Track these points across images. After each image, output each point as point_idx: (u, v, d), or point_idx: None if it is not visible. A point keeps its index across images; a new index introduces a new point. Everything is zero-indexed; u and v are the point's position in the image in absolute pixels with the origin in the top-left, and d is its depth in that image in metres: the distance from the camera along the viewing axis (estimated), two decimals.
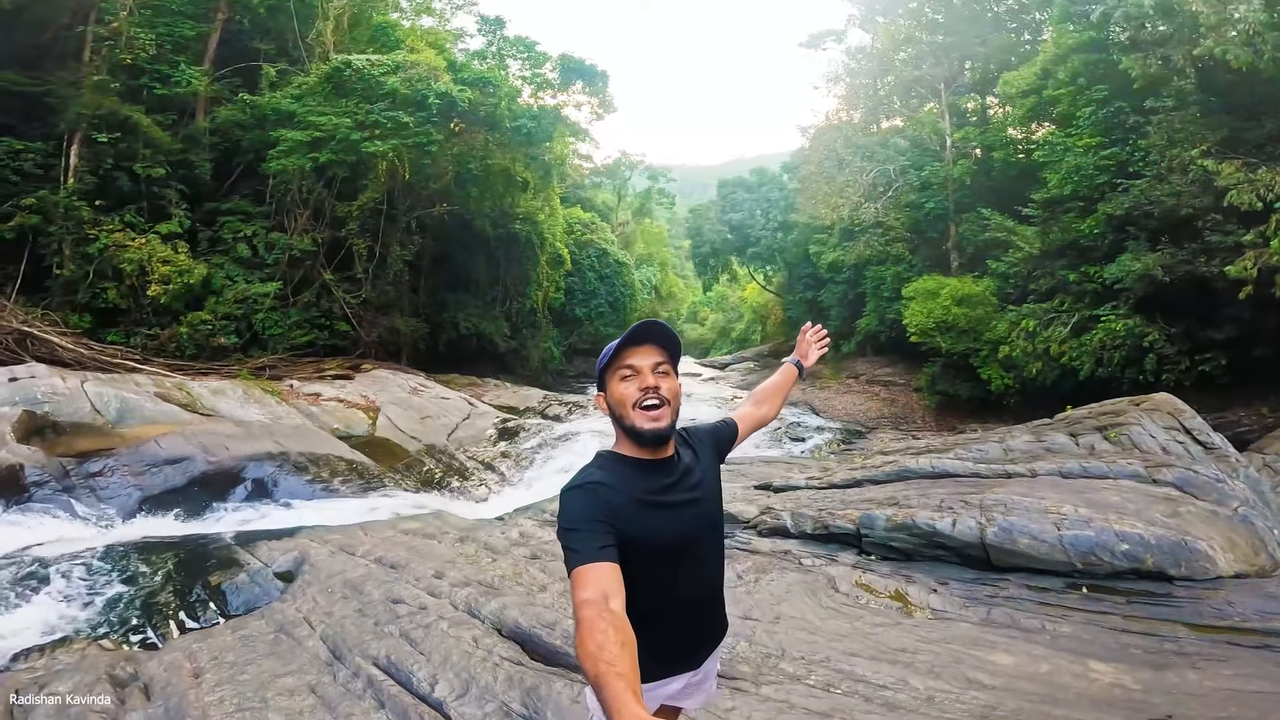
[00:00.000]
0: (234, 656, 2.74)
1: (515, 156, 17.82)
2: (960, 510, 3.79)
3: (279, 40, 17.01)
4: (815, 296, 26.44)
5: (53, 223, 13.19)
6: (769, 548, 4.07)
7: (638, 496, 1.44)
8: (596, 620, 1.14)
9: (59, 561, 4.55)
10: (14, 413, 8.48)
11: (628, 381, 1.50)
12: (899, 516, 3.84)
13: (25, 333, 12.28)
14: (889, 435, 15.86)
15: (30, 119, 13.47)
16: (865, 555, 3.86)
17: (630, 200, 39.14)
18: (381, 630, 2.84)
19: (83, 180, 13.44)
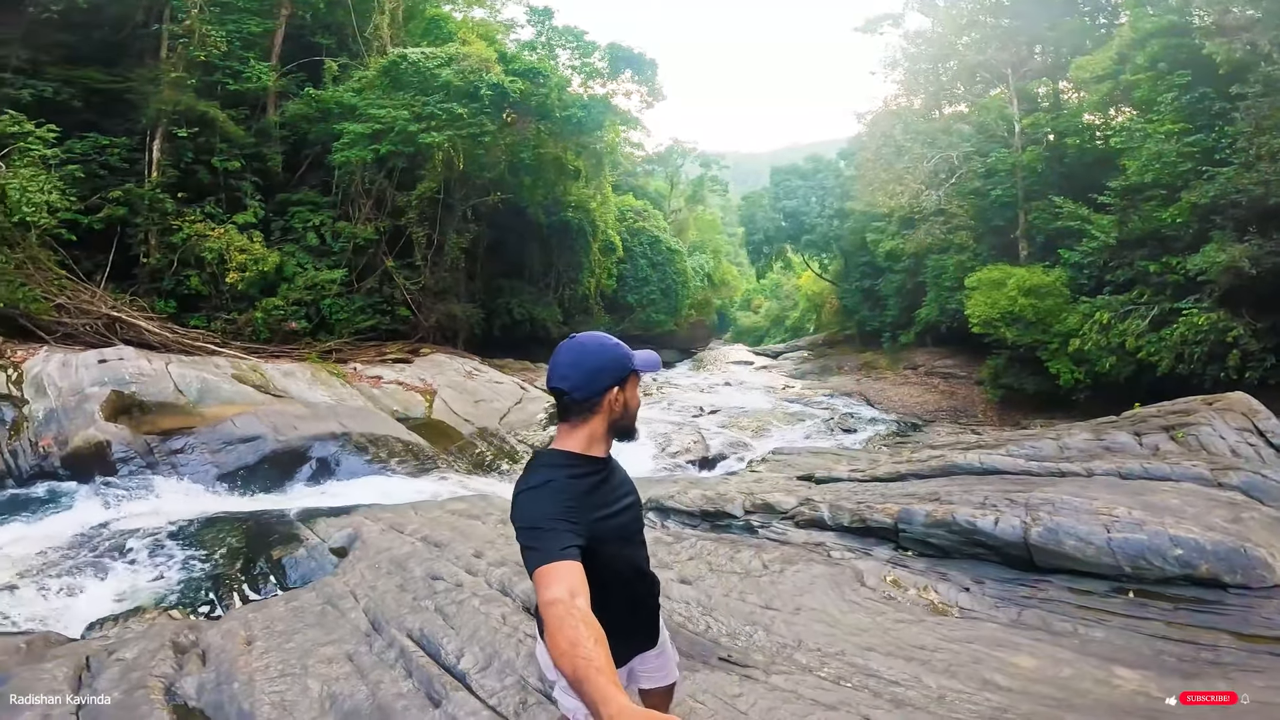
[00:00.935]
0: (283, 626, 2.96)
1: (566, 145, 18.00)
2: (1004, 508, 3.68)
3: (339, 35, 17.64)
4: (872, 285, 25.81)
5: (139, 214, 14.09)
6: (803, 539, 4.06)
7: (593, 489, 1.53)
8: (565, 618, 1.15)
9: (138, 535, 4.96)
10: (103, 392, 9.18)
11: (637, 391, 1.66)
12: (939, 513, 3.76)
13: (115, 317, 13.20)
14: (946, 429, 15.38)
15: (113, 115, 14.34)
16: (902, 550, 3.80)
17: (683, 188, 38.93)
18: (418, 605, 3.01)
19: (165, 174, 14.29)
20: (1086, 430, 5.58)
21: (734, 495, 4.92)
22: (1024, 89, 18.33)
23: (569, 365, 1.58)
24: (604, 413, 1.58)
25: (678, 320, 31.83)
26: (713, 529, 4.60)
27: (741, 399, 19.58)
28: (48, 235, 12.38)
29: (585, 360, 1.59)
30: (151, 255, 14.61)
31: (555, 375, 1.60)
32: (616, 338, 1.65)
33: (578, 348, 1.61)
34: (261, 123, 16.11)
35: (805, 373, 26.51)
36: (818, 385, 22.90)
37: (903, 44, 21.68)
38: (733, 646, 2.67)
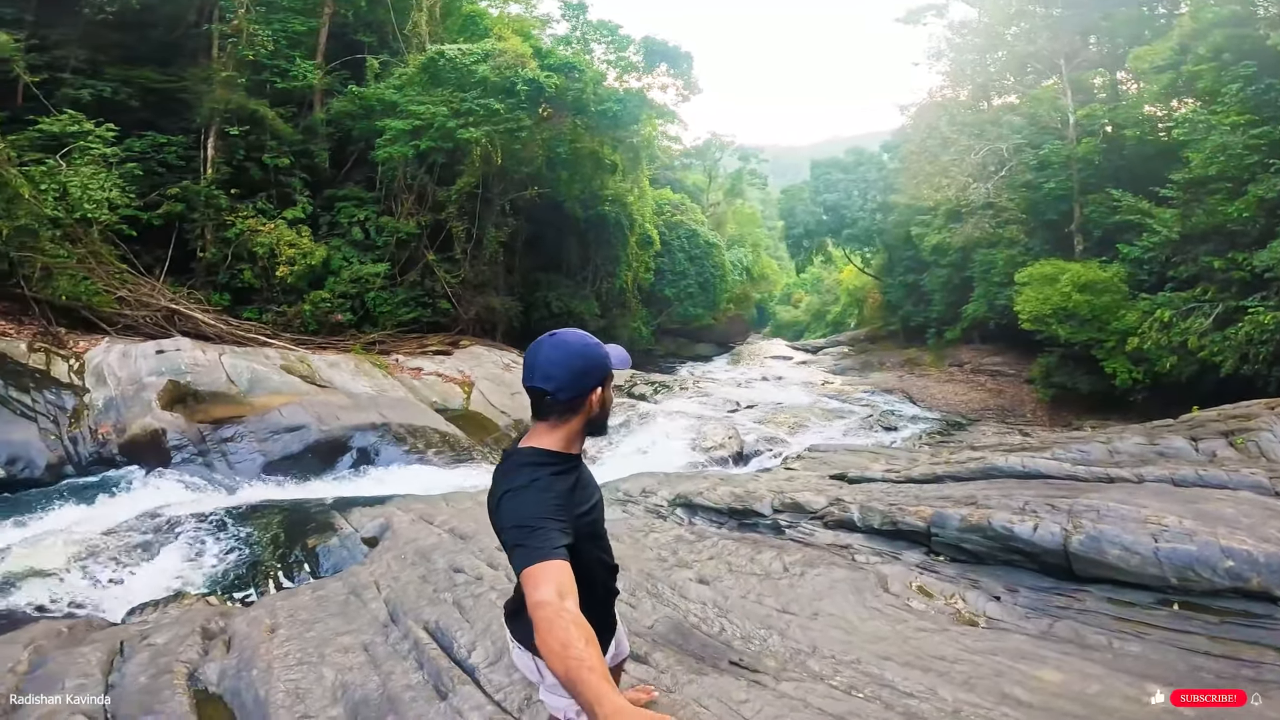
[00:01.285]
0: (307, 615, 3.04)
1: (602, 140, 18.00)
2: (1044, 515, 3.52)
3: (380, 32, 17.99)
4: (916, 280, 25.16)
5: (195, 210, 14.65)
6: (830, 540, 3.96)
7: (572, 487, 1.54)
8: (555, 619, 1.15)
9: (185, 521, 5.19)
10: (160, 382, 9.62)
11: (611, 389, 1.68)
12: (974, 517, 3.61)
13: (173, 310, 13.78)
14: (992, 428, 14.89)
15: (169, 114, 14.91)
16: (933, 555, 3.67)
17: (721, 181, 38.57)
18: (437, 597, 3.06)
19: (219, 170, 14.83)
20: (1139, 434, 5.31)
21: (763, 494, 4.85)
22: (1078, 80, 17.63)
23: (554, 365, 1.56)
24: (585, 412, 1.59)
25: (715, 314, 31.60)
26: (739, 527, 4.55)
27: (779, 394, 19.33)
28: (110, 231, 12.99)
29: (572, 361, 1.57)
30: (207, 250, 15.19)
31: (537, 375, 1.57)
32: (592, 337, 1.66)
33: (562, 346, 1.60)
34: (308, 120, 16.57)
35: (845, 369, 26.08)
36: (858, 381, 22.48)
37: (947, 34, 21.10)
38: (745, 650, 2.62)
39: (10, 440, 8.02)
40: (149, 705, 2.35)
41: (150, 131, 14.40)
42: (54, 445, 8.33)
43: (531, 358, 1.60)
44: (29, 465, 7.88)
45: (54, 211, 10.94)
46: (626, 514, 5.11)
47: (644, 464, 10.48)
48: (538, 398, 1.58)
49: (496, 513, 1.48)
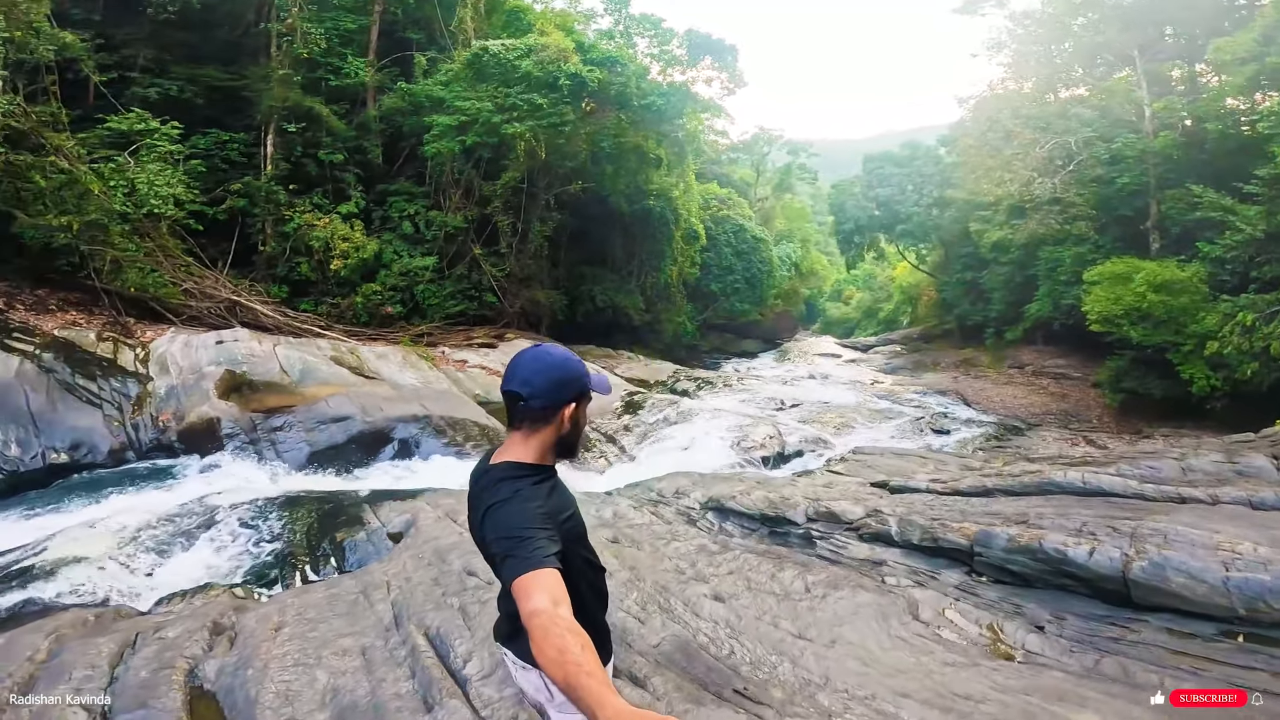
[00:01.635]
0: (315, 614, 3.04)
1: (647, 134, 17.87)
2: (1104, 538, 3.22)
3: (427, 29, 18.29)
4: (975, 278, 24.12)
5: (256, 205, 15.23)
6: (864, 554, 3.74)
7: (551, 493, 1.57)
8: (550, 627, 1.14)
9: (228, 511, 5.33)
10: (218, 371, 10.02)
11: (586, 412, 1.67)
12: (1024, 537, 3.33)
13: (235, 301, 14.37)
14: (1054, 433, 14.12)
15: (232, 111, 15.53)
16: (974, 576, 3.41)
17: (770, 176, 37.86)
18: (444, 601, 3.00)
19: (278, 166, 15.37)
20: (1217, 451, 4.85)
21: (798, 500, 4.64)
22: (1154, 71, 16.58)
23: (533, 372, 1.57)
24: (556, 426, 1.58)
25: (762, 310, 31.11)
26: (770, 536, 4.36)
27: (825, 393, 18.84)
28: (177, 225, 13.62)
29: (551, 371, 1.58)
30: (267, 244, 15.78)
31: (516, 380, 1.58)
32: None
33: (545, 356, 1.61)
34: (361, 117, 16.99)
35: (897, 368, 25.29)
36: (910, 381, 21.76)
37: (1008, 25, 20.09)
38: (752, 678, 2.45)
39: (76, 426, 8.46)
40: (144, 700, 2.38)
41: (214, 129, 15.02)
42: (117, 431, 8.74)
43: (513, 364, 1.62)
44: (92, 450, 8.30)
45: (123, 207, 11.49)
46: (655, 517, 4.98)
47: (683, 462, 10.32)
48: (512, 403, 1.59)
49: (481, 528, 1.48)
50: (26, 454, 7.84)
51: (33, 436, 8.06)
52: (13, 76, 11.04)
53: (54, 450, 8.11)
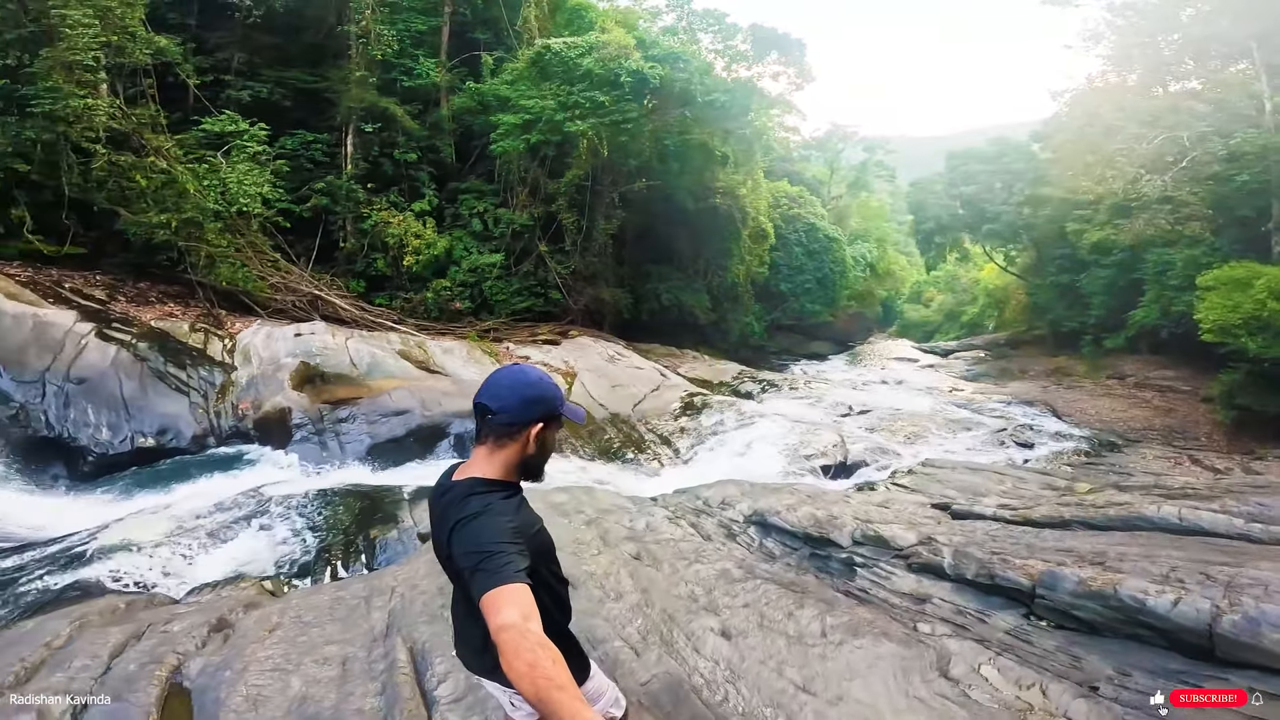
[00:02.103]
0: (312, 617, 3.02)
1: (712, 131, 17.52)
2: (1193, 586, 2.76)
3: (495, 29, 18.62)
4: (1072, 281, 22.44)
5: (337, 203, 15.96)
6: (909, 587, 3.37)
7: (520, 508, 1.57)
8: (520, 641, 1.13)
9: (278, 502, 5.51)
10: (294, 363, 10.50)
11: (555, 435, 1.66)
12: (1097, 581, 2.91)
13: (317, 295, 15.13)
14: (1154, 451, 12.85)
15: (317, 113, 16.31)
16: (1032, 620, 3.00)
17: (844, 173, 36.49)
18: (441, 613, 2.90)
19: (357, 166, 16.06)
20: None
21: (846, 520, 4.31)
22: (1274, 64, 14.86)
23: (505, 387, 1.58)
24: (522, 444, 1.57)
25: (834, 311, 30.07)
26: (811, 558, 4.05)
27: (898, 399, 17.94)
28: (267, 223, 14.46)
29: (523, 389, 1.58)
30: (347, 240, 16.52)
31: (487, 393, 1.60)
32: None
33: (520, 374, 1.62)
34: (434, 116, 17.48)
35: (979, 375, 23.87)
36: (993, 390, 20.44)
37: (1106, 16, 18.49)
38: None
39: (164, 412, 9.05)
40: (120, 693, 2.40)
41: (300, 130, 15.84)
42: (201, 419, 9.30)
43: (489, 378, 1.65)
44: (177, 436, 8.86)
45: (216, 205, 12.27)
46: (692, 529, 4.76)
47: (738, 468, 10.04)
48: (481, 416, 1.61)
49: (449, 544, 1.45)
50: (116, 438, 8.44)
51: (123, 421, 8.67)
52: (113, 80, 11.96)
53: (142, 435, 8.70)
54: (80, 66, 10.63)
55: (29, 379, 8.65)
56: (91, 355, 9.39)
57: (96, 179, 11.47)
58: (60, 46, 10.30)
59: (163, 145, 12.23)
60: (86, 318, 10.19)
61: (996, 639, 2.85)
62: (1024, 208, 23.92)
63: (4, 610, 3.53)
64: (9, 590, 3.75)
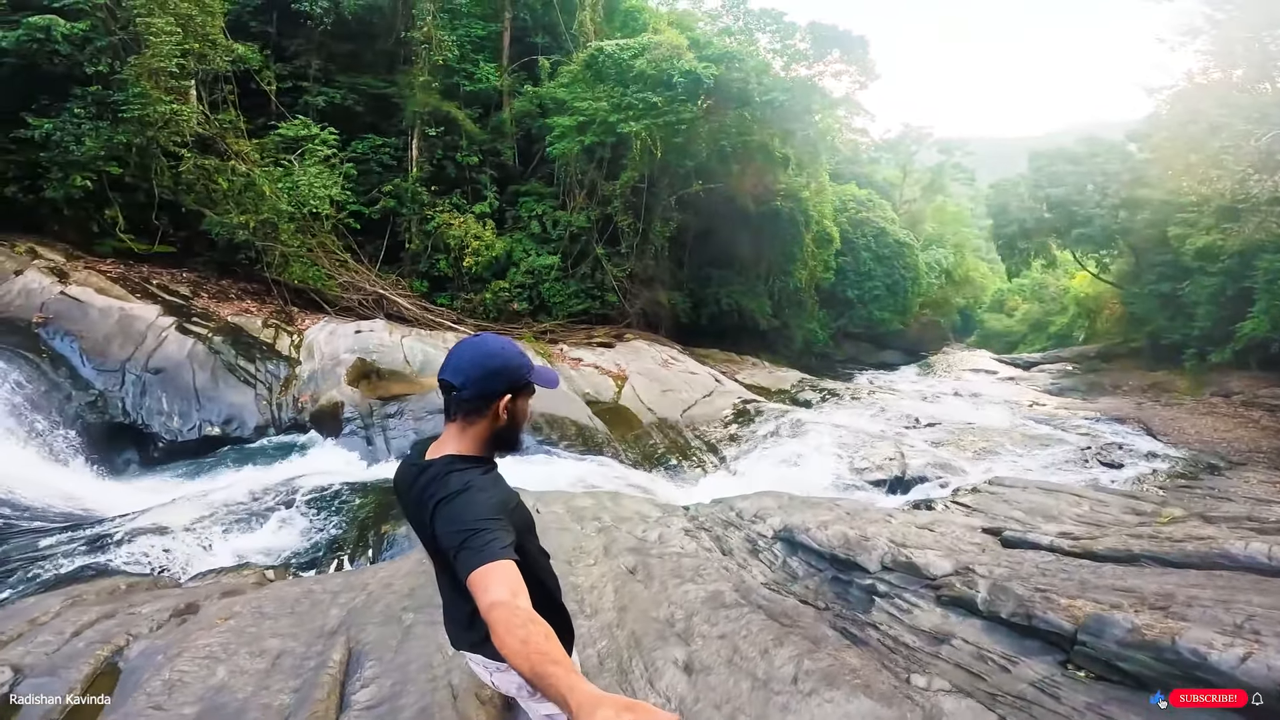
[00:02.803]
0: (273, 608, 2.98)
1: (772, 132, 17.04)
2: (1269, 638, 2.30)
3: (553, 33, 18.78)
4: (1173, 289, 20.59)
5: (403, 205, 16.51)
6: (931, 624, 2.98)
7: (498, 482, 1.55)
8: (511, 618, 1.13)
9: (308, 492, 5.62)
10: (351, 359, 10.88)
11: (528, 403, 1.64)
12: (1153, 630, 2.47)
13: (382, 294, 15.69)
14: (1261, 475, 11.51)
15: (388, 117, 16.94)
16: (1071, 669, 2.58)
17: (918, 176, 34.86)
18: (400, 616, 2.80)
19: (422, 169, 16.55)
20: None
21: (878, 543, 3.94)
22: None
23: (468, 362, 1.54)
24: (491, 418, 1.54)
25: (906, 319, 28.79)
26: (833, 581, 3.70)
27: (971, 412, 16.93)
28: (340, 224, 15.12)
29: (485, 360, 1.54)
30: (412, 241, 17.05)
31: (449, 368, 1.56)
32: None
33: (480, 345, 1.57)
34: (495, 120, 17.82)
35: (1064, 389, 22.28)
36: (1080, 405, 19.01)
37: (1205, 10, 16.90)
38: None
39: (232, 403, 9.55)
40: (54, 669, 2.41)
41: (371, 134, 16.49)
42: (264, 410, 9.76)
43: (451, 352, 1.61)
44: (241, 425, 9.32)
45: (289, 206, 12.89)
46: (711, 544, 4.49)
47: (786, 479, 9.65)
48: (446, 393, 1.58)
49: (431, 524, 1.43)
50: (185, 425, 8.97)
51: (193, 410, 9.20)
52: (198, 86, 12.74)
53: (209, 423, 9.20)
54: (166, 73, 11.34)
55: (110, 368, 9.27)
56: (170, 347, 9.99)
57: (185, 181, 12.26)
58: (146, 54, 10.98)
59: (243, 149, 12.96)
60: (169, 312, 10.86)
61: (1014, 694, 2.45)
62: (1119, 210, 22.16)
63: (22, 586, 3.72)
64: (34, 567, 3.96)
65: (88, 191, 11.27)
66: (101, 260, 12.05)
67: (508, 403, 1.54)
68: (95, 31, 11.38)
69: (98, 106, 11.36)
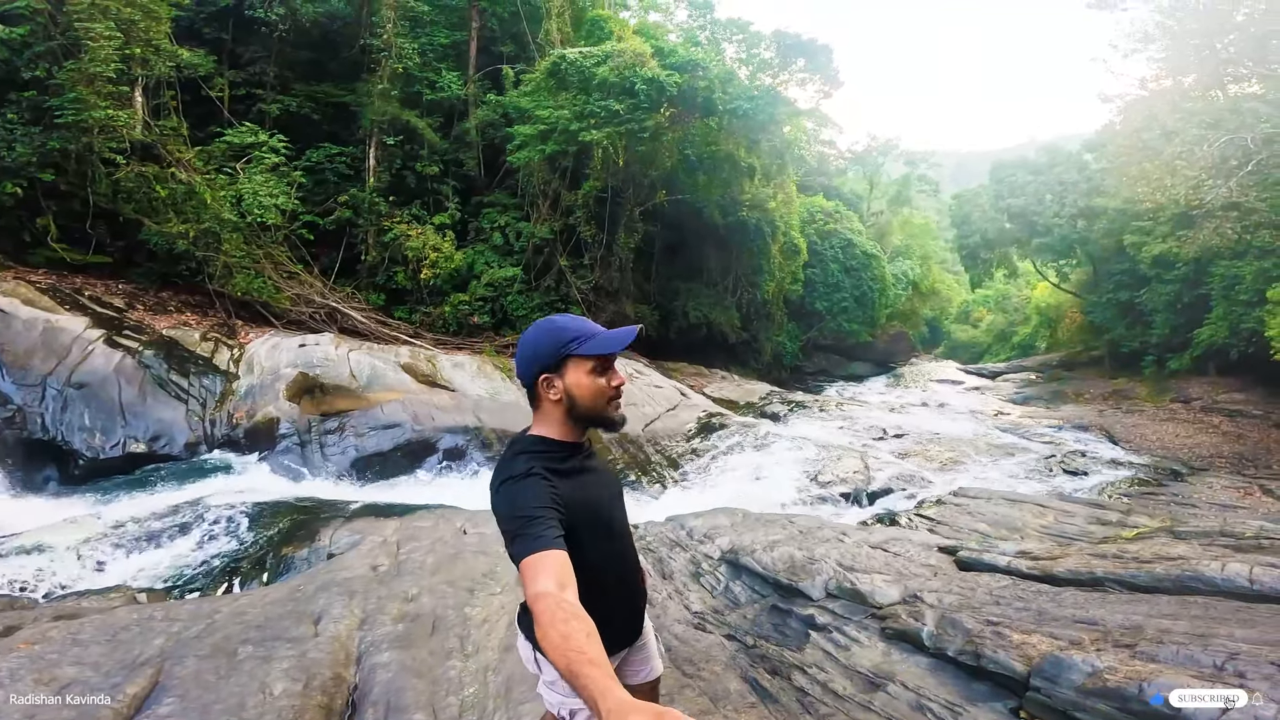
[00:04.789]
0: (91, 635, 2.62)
1: (738, 142, 16.95)
2: (1257, 682, 2.00)
3: (519, 42, 18.54)
4: (1131, 298, 21.01)
5: (360, 216, 16.00)
6: (871, 662, 2.63)
7: (572, 474, 1.51)
8: (556, 611, 1.12)
9: (215, 511, 5.19)
10: (293, 373, 10.34)
11: (597, 376, 1.52)
12: (1117, 676, 2.15)
13: (334, 308, 15.10)
14: (1223, 481, 11.56)
15: (346, 126, 16.48)
16: (1024, 715, 2.26)
17: (885, 188, 35.26)
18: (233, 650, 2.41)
19: (380, 179, 16.08)
20: None
21: (824, 566, 3.60)
22: None
23: (518, 349, 1.58)
24: (546, 401, 1.53)
25: (874, 331, 28.90)
26: (771, 611, 3.35)
27: (938, 423, 16.92)
28: (291, 235, 14.54)
29: (523, 347, 1.56)
30: (369, 253, 16.52)
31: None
32: (598, 326, 1.55)
33: (529, 330, 1.57)
34: (458, 129, 17.43)
35: (1028, 398, 22.58)
36: (1044, 414, 19.24)
37: (1157, 17, 17.37)
38: None
39: (160, 419, 8.99)
40: None
41: (327, 143, 15.98)
42: (196, 426, 9.20)
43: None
44: (169, 442, 8.75)
45: (231, 215, 12.33)
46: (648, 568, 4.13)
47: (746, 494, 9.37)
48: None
49: (495, 501, 1.44)
50: (109, 443, 8.39)
51: (118, 426, 8.62)
52: (142, 93, 12.21)
53: (135, 440, 8.63)
54: (104, 79, 10.84)
55: (30, 382, 8.70)
56: (96, 361, 9.41)
57: (124, 189, 11.72)
58: (84, 59, 10.51)
59: (185, 156, 12.39)
60: (98, 324, 10.26)
61: None
62: (1078, 220, 22.57)
63: None
64: None
65: (18, 199, 10.76)
66: (33, 270, 11.41)
67: (546, 381, 1.52)
68: (34, 36, 10.95)
69: (33, 112, 10.89)
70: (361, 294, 16.48)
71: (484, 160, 18.00)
